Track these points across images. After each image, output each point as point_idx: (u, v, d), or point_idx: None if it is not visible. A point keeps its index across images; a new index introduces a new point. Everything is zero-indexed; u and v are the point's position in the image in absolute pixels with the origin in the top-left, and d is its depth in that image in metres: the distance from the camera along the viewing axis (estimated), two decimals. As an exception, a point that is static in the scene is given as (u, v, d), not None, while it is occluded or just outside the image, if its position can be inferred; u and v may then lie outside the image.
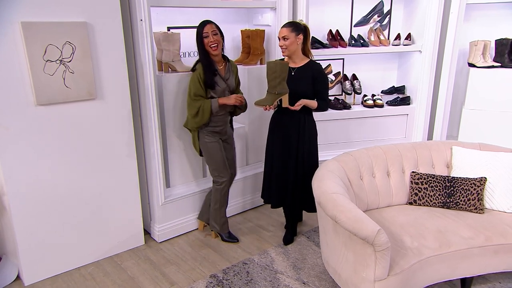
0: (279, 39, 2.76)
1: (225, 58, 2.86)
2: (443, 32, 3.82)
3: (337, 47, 3.79)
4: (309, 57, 2.84)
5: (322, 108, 2.83)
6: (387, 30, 4.12)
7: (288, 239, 3.06)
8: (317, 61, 2.84)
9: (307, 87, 2.77)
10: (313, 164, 2.89)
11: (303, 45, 2.79)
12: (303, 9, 3.42)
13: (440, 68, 3.92)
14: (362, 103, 4.09)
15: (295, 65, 2.80)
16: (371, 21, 4.04)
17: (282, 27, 2.74)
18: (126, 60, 2.72)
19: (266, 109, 2.69)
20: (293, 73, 2.78)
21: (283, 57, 2.90)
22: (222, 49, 2.82)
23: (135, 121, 2.90)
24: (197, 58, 2.82)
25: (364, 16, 4.01)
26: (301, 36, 2.73)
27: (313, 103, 2.78)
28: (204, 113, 2.72)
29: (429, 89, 3.95)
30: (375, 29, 3.98)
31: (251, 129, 3.54)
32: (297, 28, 2.71)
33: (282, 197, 2.96)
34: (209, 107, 2.72)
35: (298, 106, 2.71)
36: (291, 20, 2.96)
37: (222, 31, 2.76)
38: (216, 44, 2.68)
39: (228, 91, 2.83)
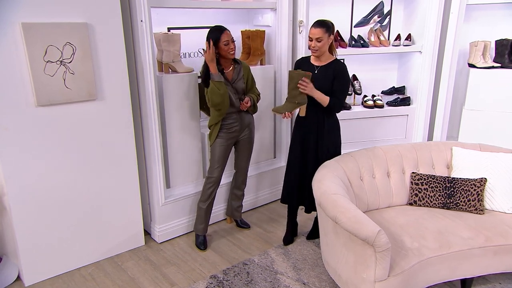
0: (310, 39, 2.61)
1: (235, 60, 2.87)
2: (443, 32, 3.82)
3: (337, 48, 3.78)
4: (333, 55, 2.75)
5: (334, 105, 2.66)
6: (387, 30, 4.12)
7: (289, 239, 3.06)
8: (341, 60, 2.76)
9: (328, 87, 2.68)
10: None
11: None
12: (303, 9, 3.43)
13: (440, 69, 3.92)
14: (362, 103, 4.09)
15: (320, 63, 2.71)
16: (371, 21, 4.04)
17: (315, 27, 2.59)
18: (127, 61, 2.73)
19: (285, 116, 2.66)
20: (316, 72, 2.70)
21: (307, 56, 2.81)
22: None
23: (135, 122, 2.90)
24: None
25: (364, 17, 4.01)
26: (332, 37, 2.65)
27: (324, 98, 2.64)
28: (212, 95, 2.66)
29: (429, 90, 3.95)
30: (375, 30, 3.98)
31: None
32: (329, 28, 2.60)
33: (301, 198, 2.91)
34: (211, 84, 2.65)
35: (307, 85, 2.57)
36: (320, 19, 2.67)
37: None
38: (234, 51, 2.74)
39: (234, 93, 2.82)
